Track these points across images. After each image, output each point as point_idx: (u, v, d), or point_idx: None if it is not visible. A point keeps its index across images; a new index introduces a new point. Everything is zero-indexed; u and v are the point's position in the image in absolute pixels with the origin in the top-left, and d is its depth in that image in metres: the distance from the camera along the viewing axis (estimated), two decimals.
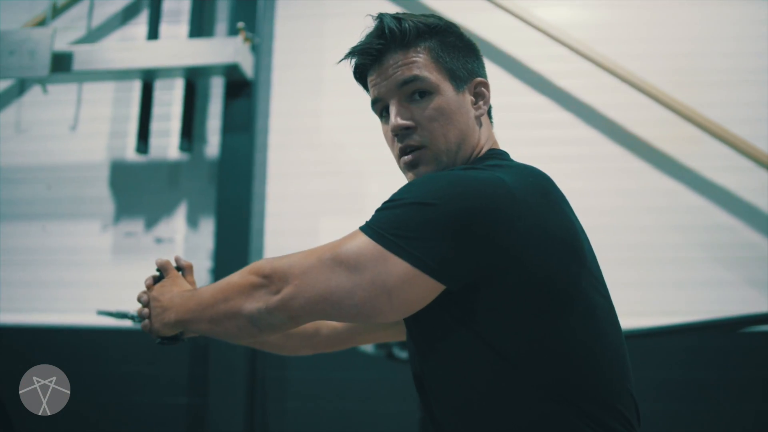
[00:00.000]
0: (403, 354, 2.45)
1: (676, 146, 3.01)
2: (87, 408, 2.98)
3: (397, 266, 0.79)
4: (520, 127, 3.01)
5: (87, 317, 2.92)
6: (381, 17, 0.94)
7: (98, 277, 3.26)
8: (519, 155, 0.99)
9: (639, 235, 2.95)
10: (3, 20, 3.50)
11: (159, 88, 3.39)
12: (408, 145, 0.92)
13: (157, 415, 3.04)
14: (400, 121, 0.92)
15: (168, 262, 1.05)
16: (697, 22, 3.11)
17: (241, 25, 3.12)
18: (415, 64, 0.92)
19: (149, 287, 1.03)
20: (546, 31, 3.02)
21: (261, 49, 3.25)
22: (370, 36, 0.95)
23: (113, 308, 1.26)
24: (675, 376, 2.73)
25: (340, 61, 0.98)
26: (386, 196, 0.86)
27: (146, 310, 1.00)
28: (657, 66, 3.04)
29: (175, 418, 3.05)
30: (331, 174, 3.23)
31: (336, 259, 0.83)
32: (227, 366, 2.97)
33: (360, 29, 0.97)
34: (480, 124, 0.97)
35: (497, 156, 0.95)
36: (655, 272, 2.91)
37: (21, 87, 3.54)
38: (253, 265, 0.89)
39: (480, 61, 1.00)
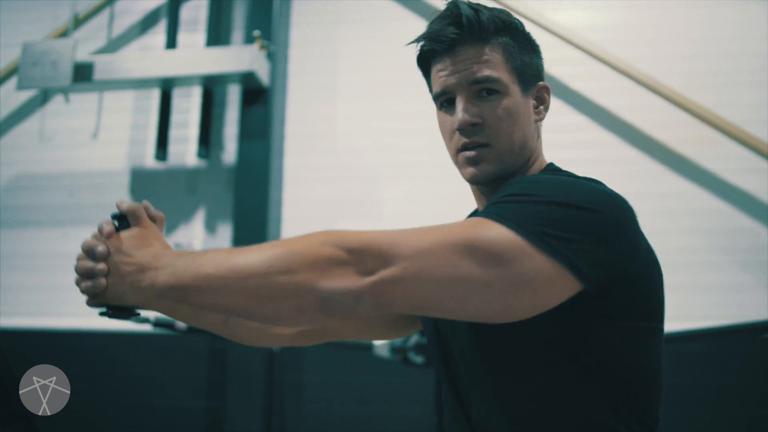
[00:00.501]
0: (418, 359, 2.47)
1: (693, 148, 2.99)
2: (106, 411, 3.04)
3: (546, 264, 0.74)
4: None
5: (107, 321, 2.96)
6: (457, 4, 0.90)
7: None
8: None
9: (656, 238, 2.89)
10: (26, 32, 3.59)
11: (177, 96, 3.45)
12: (474, 141, 0.90)
13: (175, 419, 3.07)
14: (469, 118, 0.89)
15: (140, 208, 0.80)
16: (712, 23, 3.08)
17: (257, 33, 3.17)
18: (489, 63, 0.89)
19: (109, 236, 0.78)
20: (559, 34, 3.01)
21: (276, 57, 3.29)
22: (444, 23, 0.90)
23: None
24: (695, 382, 2.69)
25: (410, 43, 0.94)
26: (402, 201, 0.87)
27: (102, 266, 0.76)
28: (671, 68, 3.02)
29: (193, 422, 3.08)
30: (346, 179, 3.25)
31: (469, 246, 0.73)
32: (245, 369, 2.99)
33: (374, 35, 0.97)
34: (537, 131, 0.96)
35: (557, 168, 0.95)
36: (673, 276, 2.84)
37: (44, 96, 3.62)
38: (327, 236, 0.73)
39: (542, 61, 0.97)
